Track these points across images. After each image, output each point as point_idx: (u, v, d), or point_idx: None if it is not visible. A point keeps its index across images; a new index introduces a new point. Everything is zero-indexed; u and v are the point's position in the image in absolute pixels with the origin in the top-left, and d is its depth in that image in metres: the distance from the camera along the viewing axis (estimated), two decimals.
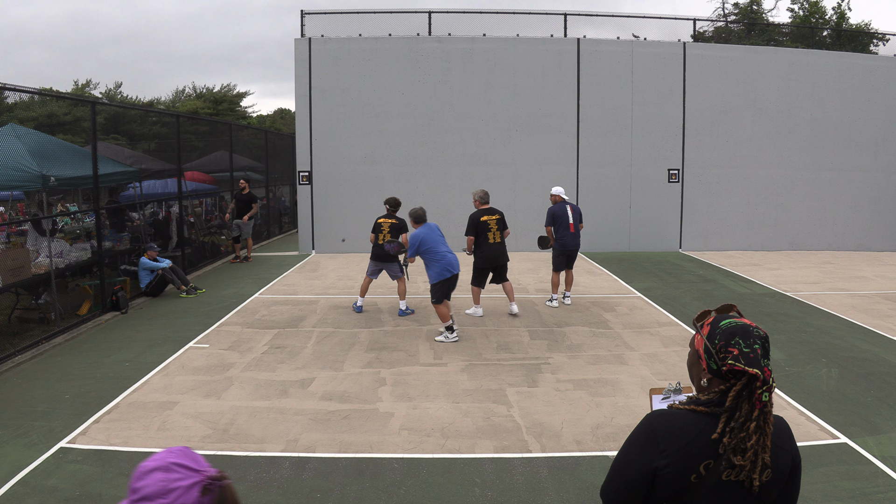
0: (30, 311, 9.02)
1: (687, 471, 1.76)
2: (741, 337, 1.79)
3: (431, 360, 7.21)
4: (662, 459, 1.77)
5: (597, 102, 15.60)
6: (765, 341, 1.80)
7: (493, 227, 8.98)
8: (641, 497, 1.83)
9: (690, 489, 1.77)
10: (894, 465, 4.71)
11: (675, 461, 1.76)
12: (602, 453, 4.93)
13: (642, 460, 1.80)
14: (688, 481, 1.76)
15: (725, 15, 27.35)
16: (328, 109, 15.34)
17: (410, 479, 4.55)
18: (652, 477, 1.79)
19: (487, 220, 8.99)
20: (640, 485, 1.81)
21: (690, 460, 1.76)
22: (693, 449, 1.76)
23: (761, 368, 1.76)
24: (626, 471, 1.84)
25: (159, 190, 14.88)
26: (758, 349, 1.78)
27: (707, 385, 1.85)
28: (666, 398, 2.23)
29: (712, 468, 1.75)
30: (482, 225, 8.98)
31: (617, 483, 1.86)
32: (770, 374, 1.77)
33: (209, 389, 6.31)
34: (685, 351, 7.54)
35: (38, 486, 4.45)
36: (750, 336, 1.79)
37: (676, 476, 1.77)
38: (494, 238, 8.97)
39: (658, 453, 1.78)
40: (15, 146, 8.75)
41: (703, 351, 1.86)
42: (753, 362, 1.76)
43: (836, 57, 16.31)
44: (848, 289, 11.22)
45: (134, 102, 31.60)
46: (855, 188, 16.12)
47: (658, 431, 1.81)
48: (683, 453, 1.76)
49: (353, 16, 15.60)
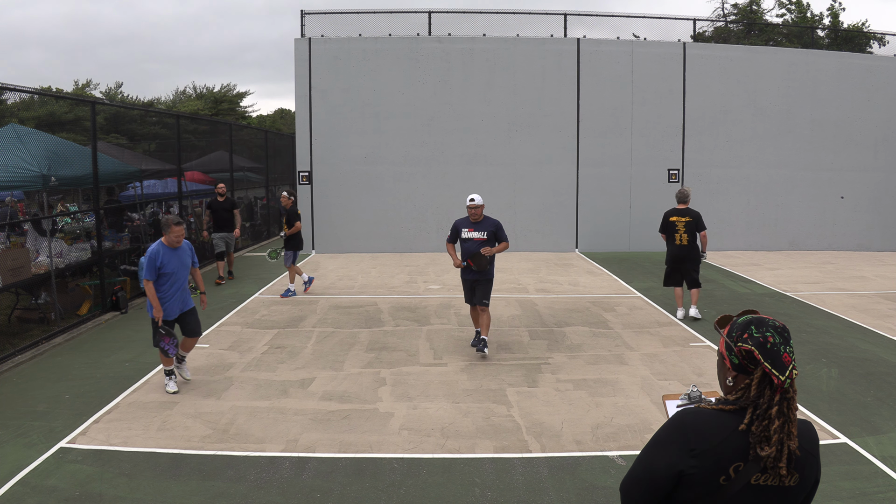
0: (30, 311, 9.02)
1: (716, 472, 1.73)
2: (755, 325, 1.81)
3: (431, 360, 7.21)
4: (692, 460, 1.74)
5: (597, 102, 15.60)
6: (780, 331, 1.80)
7: (681, 228, 8.97)
8: (663, 496, 1.80)
9: (718, 491, 1.74)
10: (894, 465, 4.71)
11: (705, 462, 1.74)
12: (602, 453, 4.93)
13: (670, 460, 1.77)
14: (717, 483, 1.74)
15: (725, 15, 27.34)
16: (328, 109, 15.34)
17: (410, 479, 4.55)
18: (677, 478, 1.77)
19: (675, 220, 9.00)
20: (665, 484, 1.78)
21: (721, 461, 1.73)
22: (723, 450, 1.74)
23: (776, 354, 1.76)
24: (651, 468, 1.81)
25: (159, 190, 14.88)
26: (769, 336, 1.78)
27: (733, 384, 1.84)
28: (683, 404, 2.09)
29: (742, 471, 1.73)
30: (669, 225, 9.02)
31: (641, 480, 1.82)
32: (791, 361, 1.76)
33: (209, 389, 6.31)
34: (685, 351, 7.55)
35: (38, 486, 4.45)
36: (763, 325, 1.80)
37: (706, 477, 1.74)
38: (681, 240, 8.97)
39: (687, 452, 1.75)
40: (15, 146, 8.75)
41: (724, 349, 1.87)
42: (762, 345, 1.77)
43: (836, 57, 16.31)
44: (848, 289, 11.22)
45: (134, 102, 31.61)
46: (855, 188, 16.12)
47: (689, 430, 1.77)
48: (713, 454, 1.74)
49: (353, 16, 15.60)
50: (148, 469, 4.70)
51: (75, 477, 4.58)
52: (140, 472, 4.64)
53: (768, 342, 1.77)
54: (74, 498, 4.29)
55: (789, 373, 1.75)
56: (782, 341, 1.77)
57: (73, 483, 4.49)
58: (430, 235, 15.54)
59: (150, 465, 4.75)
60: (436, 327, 8.57)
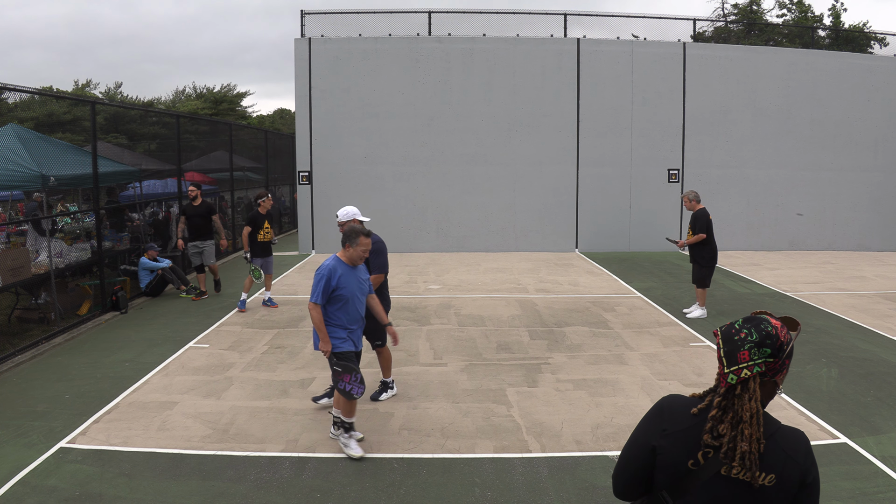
0: (30, 311, 9.02)
1: (686, 455, 1.78)
2: (744, 320, 1.82)
3: (431, 360, 7.21)
4: (663, 440, 1.82)
5: (597, 102, 15.60)
6: (764, 336, 1.77)
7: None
8: (644, 476, 1.87)
9: (688, 477, 1.78)
10: (894, 465, 4.71)
11: (674, 444, 1.80)
12: (602, 453, 4.93)
13: (646, 437, 1.86)
14: (685, 467, 1.78)
15: (725, 15, 27.35)
16: (328, 109, 15.34)
17: (410, 479, 4.55)
18: (652, 455, 1.83)
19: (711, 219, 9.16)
20: (642, 457, 1.85)
21: (690, 445, 1.79)
22: (694, 434, 1.79)
23: (735, 348, 1.76)
24: (630, 444, 1.91)
25: (159, 190, 14.87)
26: (743, 332, 1.78)
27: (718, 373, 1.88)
28: None
29: (711, 458, 1.76)
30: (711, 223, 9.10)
31: (623, 457, 1.93)
32: (746, 361, 1.75)
33: (209, 389, 6.30)
34: (685, 351, 7.55)
35: (38, 486, 4.45)
36: (752, 323, 1.80)
37: (675, 459, 1.79)
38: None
39: (660, 432, 1.83)
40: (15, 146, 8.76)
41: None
42: (728, 334, 1.79)
43: (836, 57, 16.31)
44: (848, 289, 11.22)
45: (134, 102, 31.61)
46: (855, 188, 16.12)
47: (665, 410, 1.87)
48: (683, 436, 1.80)
49: (353, 16, 15.60)
50: (148, 469, 4.70)
51: (75, 477, 4.58)
52: (140, 472, 4.64)
53: (738, 335, 1.78)
54: (74, 498, 4.29)
55: (737, 369, 1.75)
56: (756, 342, 1.76)
57: (73, 483, 4.49)
58: (429, 235, 15.54)
59: (150, 465, 4.75)
60: (436, 327, 8.57)
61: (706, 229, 8.96)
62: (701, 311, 9.12)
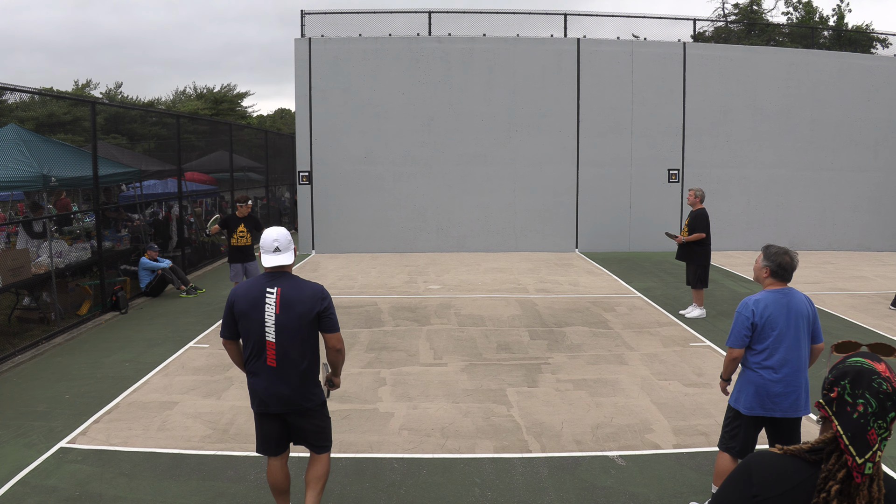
0: (30, 311, 9.02)
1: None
2: (851, 381, 1.56)
3: (431, 360, 7.21)
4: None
5: (597, 102, 15.60)
6: (884, 397, 1.50)
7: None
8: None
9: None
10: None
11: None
12: (602, 453, 4.93)
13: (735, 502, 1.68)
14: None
15: (725, 15, 27.35)
16: (328, 109, 15.35)
17: (410, 479, 4.55)
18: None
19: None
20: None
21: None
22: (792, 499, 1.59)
23: (861, 429, 1.50)
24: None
25: (159, 190, 14.88)
26: (860, 404, 1.51)
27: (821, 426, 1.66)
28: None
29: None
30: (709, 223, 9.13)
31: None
32: (876, 440, 1.50)
33: (209, 389, 6.30)
34: (685, 351, 7.54)
35: (38, 486, 4.45)
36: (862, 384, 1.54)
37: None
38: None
39: (750, 498, 1.63)
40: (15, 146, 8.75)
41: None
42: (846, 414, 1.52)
43: (836, 57, 16.31)
44: (848, 289, 11.22)
45: (134, 102, 31.61)
46: (855, 188, 16.12)
47: (753, 474, 1.66)
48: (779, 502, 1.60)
49: (353, 16, 15.61)
50: (148, 469, 4.70)
51: (75, 477, 4.58)
52: (140, 472, 4.64)
53: (856, 410, 1.52)
54: (74, 498, 4.29)
55: (871, 455, 1.50)
56: (877, 411, 1.51)
57: (73, 483, 4.49)
58: (430, 235, 15.54)
59: (150, 465, 4.75)
60: (436, 327, 8.57)
61: (706, 229, 8.98)
62: (700, 311, 9.13)
